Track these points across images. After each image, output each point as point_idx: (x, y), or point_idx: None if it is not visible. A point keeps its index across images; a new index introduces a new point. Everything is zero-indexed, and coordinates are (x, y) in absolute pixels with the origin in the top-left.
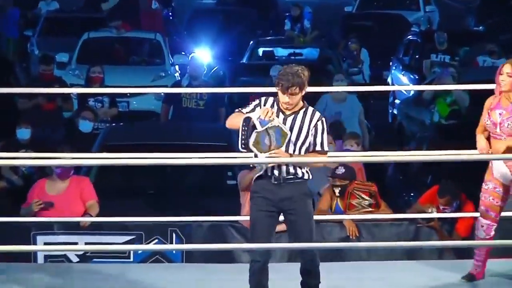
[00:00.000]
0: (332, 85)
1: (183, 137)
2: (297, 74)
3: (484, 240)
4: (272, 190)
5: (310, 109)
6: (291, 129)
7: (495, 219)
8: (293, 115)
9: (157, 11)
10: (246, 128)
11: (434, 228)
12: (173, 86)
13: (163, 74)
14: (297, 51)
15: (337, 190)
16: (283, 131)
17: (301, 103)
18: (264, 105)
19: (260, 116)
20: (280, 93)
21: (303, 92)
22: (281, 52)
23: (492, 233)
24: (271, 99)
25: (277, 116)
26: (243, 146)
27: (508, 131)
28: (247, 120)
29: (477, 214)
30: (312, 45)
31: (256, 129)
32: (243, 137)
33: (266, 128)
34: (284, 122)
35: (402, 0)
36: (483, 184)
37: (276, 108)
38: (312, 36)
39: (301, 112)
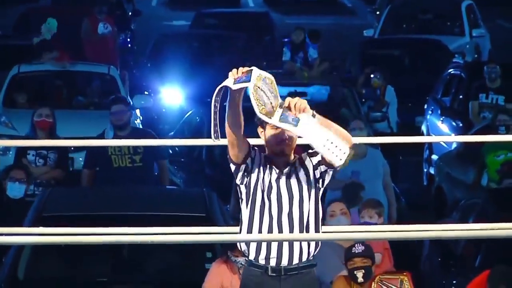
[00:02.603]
0: None
1: (146, 205)
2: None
3: None
4: (269, 286)
5: (304, 155)
6: (289, 189)
7: None
8: (289, 169)
9: (107, 37)
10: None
11: None
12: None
13: None
14: (300, 89)
15: (360, 274)
16: (268, 78)
17: (292, 155)
18: (255, 156)
19: (233, 78)
20: (269, 132)
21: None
22: (278, 91)
23: None
24: (262, 155)
25: (269, 174)
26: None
27: None
28: (221, 90)
29: None
30: (321, 81)
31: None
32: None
33: (254, 83)
34: (278, 182)
35: (440, 21)
36: None
37: (264, 165)
38: (320, 70)
39: (298, 163)
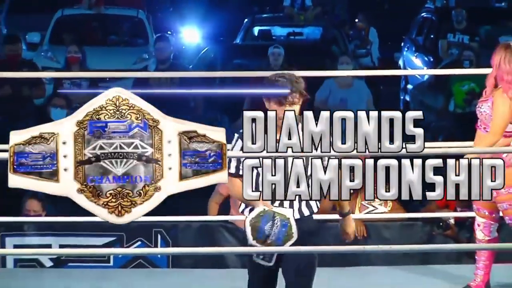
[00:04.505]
0: (336, 69)
1: None
2: (295, 78)
3: (484, 243)
4: None
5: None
6: None
7: (492, 217)
8: None
9: None
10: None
11: (451, 237)
12: (141, 71)
13: (147, 56)
14: (297, 30)
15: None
16: (289, 230)
17: None
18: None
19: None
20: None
21: (301, 103)
22: (279, 31)
23: (493, 234)
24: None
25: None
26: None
27: None
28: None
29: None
30: (314, 23)
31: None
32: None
33: (274, 212)
34: None
35: None
36: None
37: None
38: (313, 13)
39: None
